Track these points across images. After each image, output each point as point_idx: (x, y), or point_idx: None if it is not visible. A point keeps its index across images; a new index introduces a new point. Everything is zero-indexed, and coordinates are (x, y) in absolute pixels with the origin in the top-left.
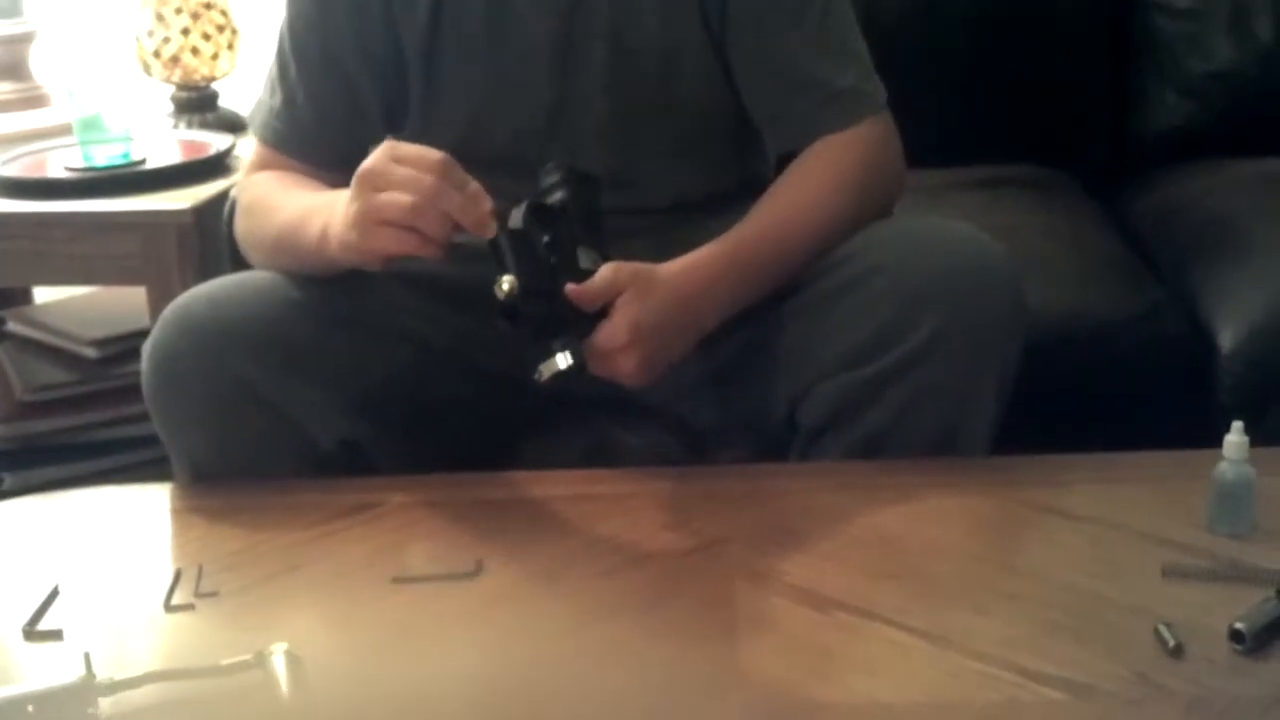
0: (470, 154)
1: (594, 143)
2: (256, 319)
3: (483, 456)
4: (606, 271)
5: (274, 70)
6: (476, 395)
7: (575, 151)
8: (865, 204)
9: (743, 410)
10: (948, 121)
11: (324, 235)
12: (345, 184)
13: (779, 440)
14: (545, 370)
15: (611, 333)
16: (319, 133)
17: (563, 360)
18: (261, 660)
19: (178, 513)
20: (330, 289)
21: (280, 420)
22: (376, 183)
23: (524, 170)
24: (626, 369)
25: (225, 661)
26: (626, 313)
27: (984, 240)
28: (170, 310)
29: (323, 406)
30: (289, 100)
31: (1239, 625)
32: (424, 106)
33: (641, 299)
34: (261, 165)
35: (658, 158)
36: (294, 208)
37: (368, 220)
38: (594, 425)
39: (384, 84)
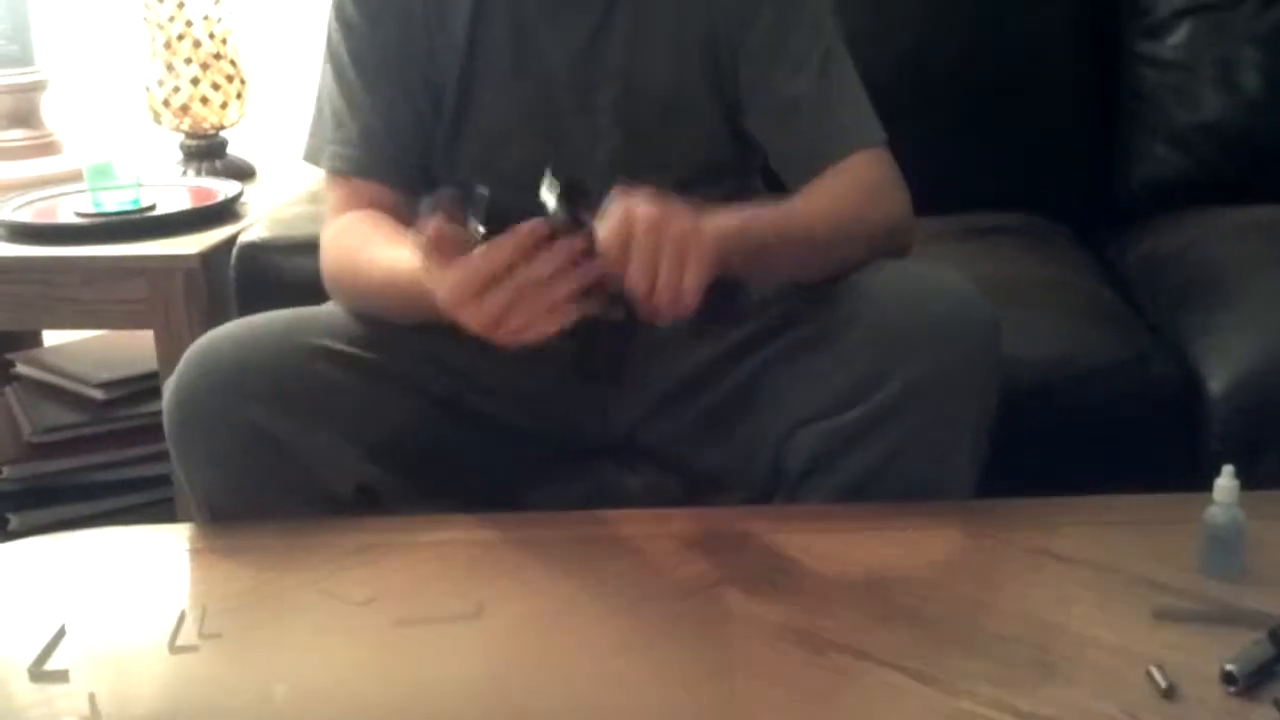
0: (492, 171)
1: (604, 174)
2: (277, 364)
3: (489, 502)
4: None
5: (333, 99)
6: (483, 442)
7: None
8: (871, 227)
9: (735, 453)
10: (939, 171)
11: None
12: (416, 201)
13: (769, 484)
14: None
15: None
16: (397, 153)
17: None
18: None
19: (182, 554)
20: (350, 336)
21: (297, 465)
22: (464, 290)
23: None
24: (642, 225)
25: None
26: (616, 206)
27: (964, 289)
28: (194, 350)
29: (339, 452)
30: (365, 126)
31: (1230, 667)
32: (452, 124)
33: (628, 196)
34: (341, 201)
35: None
36: (390, 271)
37: (494, 321)
38: (595, 470)
39: (431, 96)
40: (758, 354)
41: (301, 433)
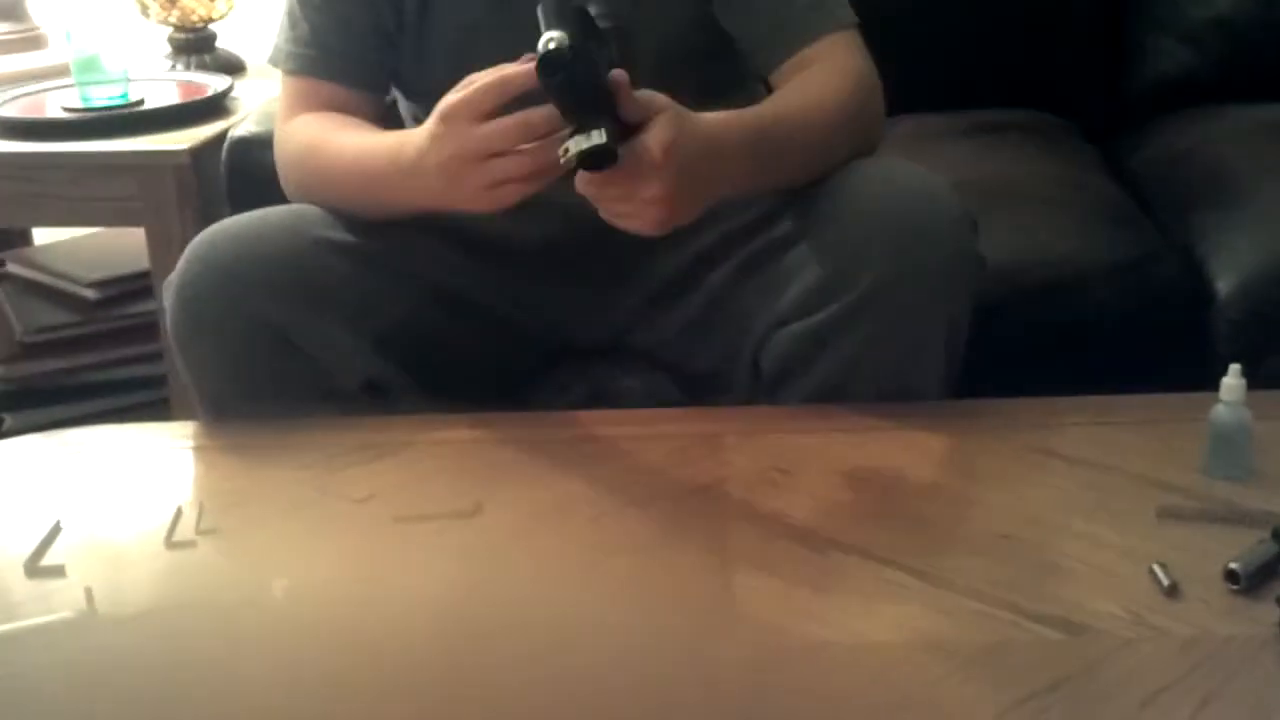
0: (455, 80)
1: None
2: (281, 257)
3: (490, 401)
4: (648, 90)
5: (293, 3)
6: (483, 337)
7: None
8: (855, 123)
9: (720, 357)
10: (947, 67)
11: (411, 187)
12: (375, 105)
13: (753, 387)
14: (574, 146)
15: (647, 145)
16: (347, 52)
17: (597, 136)
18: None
19: (178, 451)
20: (350, 228)
21: (305, 359)
22: (469, 150)
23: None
24: (651, 192)
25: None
26: (663, 132)
27: (935, 188)
28: (194, 247)
29: (346, 345)
30: (316, 27)
31: (1234, 566)
32: (417, 22)
33: (679, 126)
34: (295, 102)
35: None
36: (361, 152)
37: (490, 188)
38: (594, 370)
39: (392, 3)
40: (734, 257)
41: (309, 325)
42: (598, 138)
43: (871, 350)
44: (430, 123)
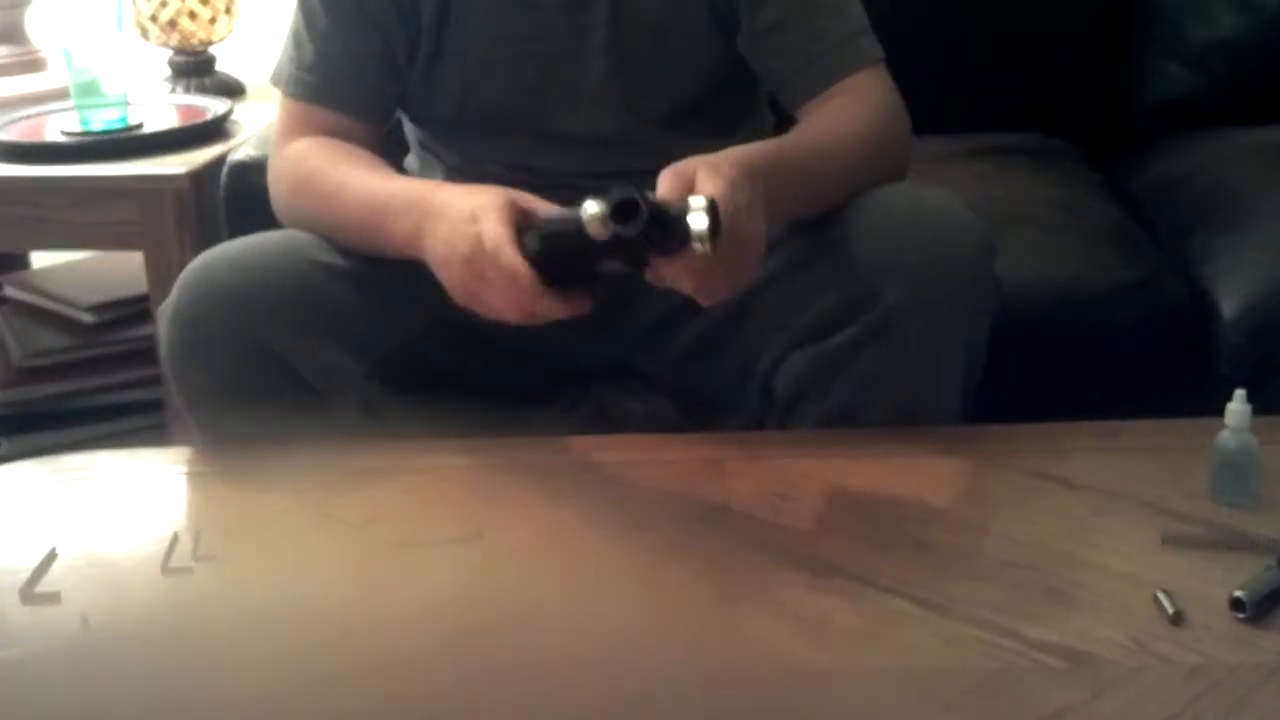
0: (467, 110)
1: (590, 104)
2: (278, 282)
3: (489, 425)
4: (672, 167)
5: (300, 26)
6: (486, 364)
7: (573, 112)
8: (879, 155)
9: (729, 380)
10: (950, 90)
11: (416, 248)
12: (375, 135)
13: (763, 410)
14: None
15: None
16: (351, 81)
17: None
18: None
19: (176, 476)
20: (348, 254)
21: (301, 384)
22: (474, 283)
23: (519, 129)
24: (742, 260)
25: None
26: (711, 186)
27: (956, 212)
28: (190, 274)
29: (344, 369)
30: (322, 53)
31: (1239, 593)
32: (431, 52)
33: (717, 172)
34: (294, 126)
35: (653, 124)
36: (368, 199)
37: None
38: (596, 393)
39: (407, 33)
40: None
41: (306, 350)
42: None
43: (889, 373)
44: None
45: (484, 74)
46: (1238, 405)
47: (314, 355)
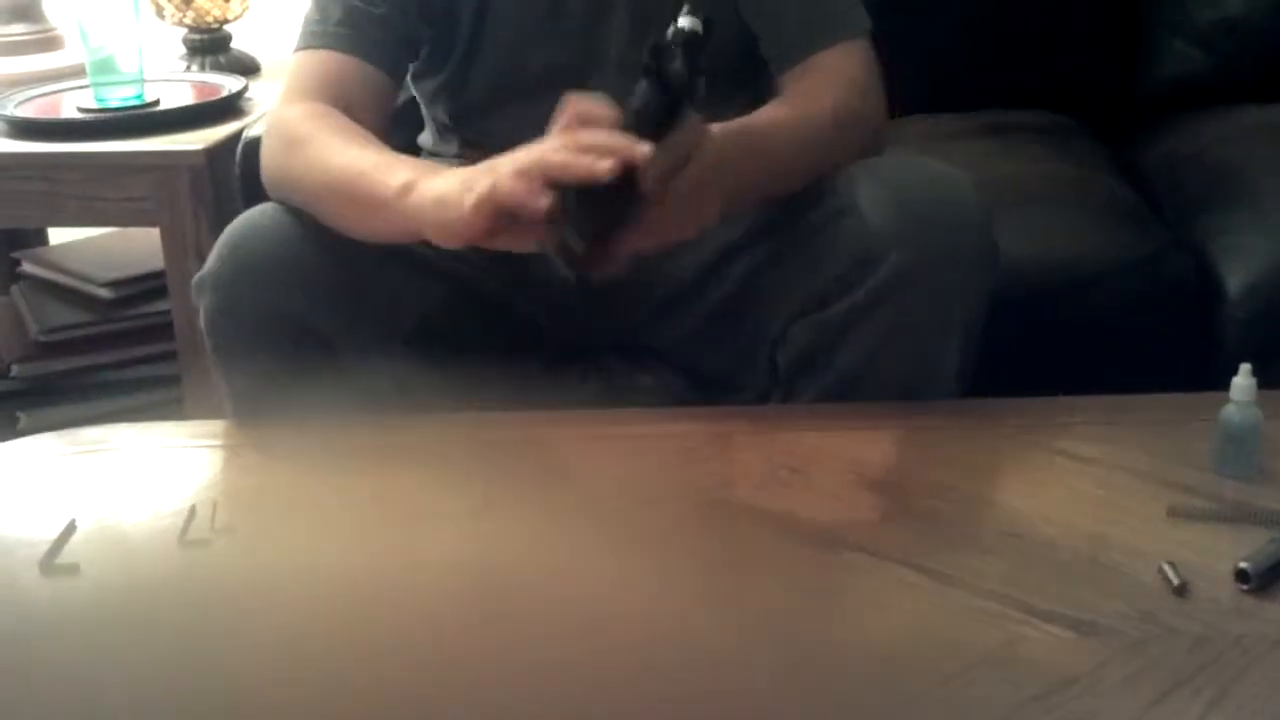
0: (509, 82)
1: (617, 75)
2: (316, 252)
3: (504, 398)
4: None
5: None
6: (502, 333)
7: (601, 83)
8: (849, 130)
9: (737, 354)
10: (959, 67)
11: (416, 211)
12: (390, 93)
13: (771, 383)
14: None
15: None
16: (378, 38)
17: (576, 243)
18: None
19: (193, 450)
20: None
21: (338, 358)
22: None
23: (553, 102)
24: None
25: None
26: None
27: (954, 180)
28: (229, 242)
29: (379, 342)
30: (348, 7)
31: (1244, 565)
32: (471, 33)
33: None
34: (305, 78)
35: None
36: (353, 163)
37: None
38: (606, 366)
39: (450, 15)
40: (751, 253)
41: (344, 323)
42: (576, 244)
43: (892, 340)
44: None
45: (524, 49)
46: (1243, 379)
47: (351, 327)
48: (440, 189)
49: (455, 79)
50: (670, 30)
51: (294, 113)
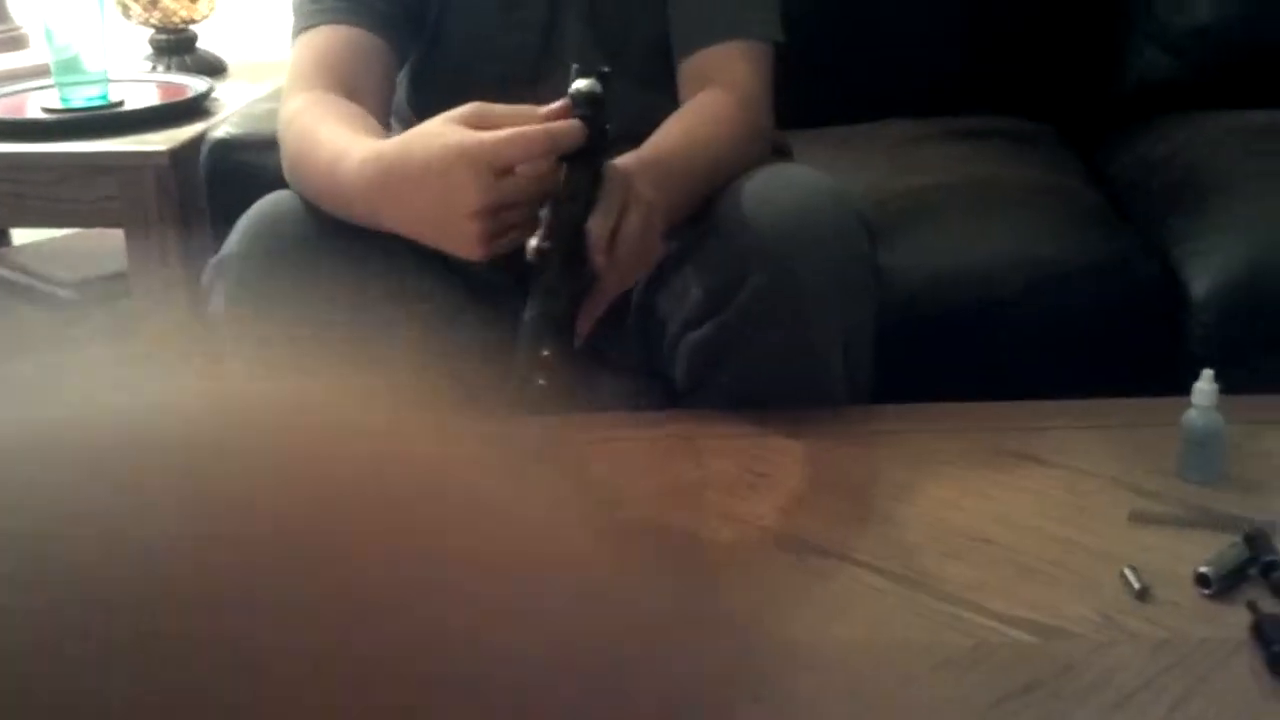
0: (471, 73)
1: (570, 58)
2: (339, 236)
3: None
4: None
5: None
6: (498, 332)
7: (557, 67)
8: (755, 137)
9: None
10: (931, 73)
11: (391, 205)
12: (395, 61)
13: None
14: (535, 302)
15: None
16: (379, 9)
17: (556, 305)
18: None
19: None
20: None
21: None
22: (491, 203)
23: (520, 85)
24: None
25: None
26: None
27: (824, 194)
28: (254, 225)
29: (396, 329)
30: None
31: (1205, 569)
32: (436, 18)
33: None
34: (309, 59)
35: (625, 85)
36: (328, 152)
37: (492, 238)
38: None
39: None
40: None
41: (365, 306)
42: (561, 307)
43: (765, 359)
44: (437, 153)
45: (486, 38)
46: (1205, 385)
47: (370, 311)
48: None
49: (421, 67)
50: (572, 96)
51: (296, 106)
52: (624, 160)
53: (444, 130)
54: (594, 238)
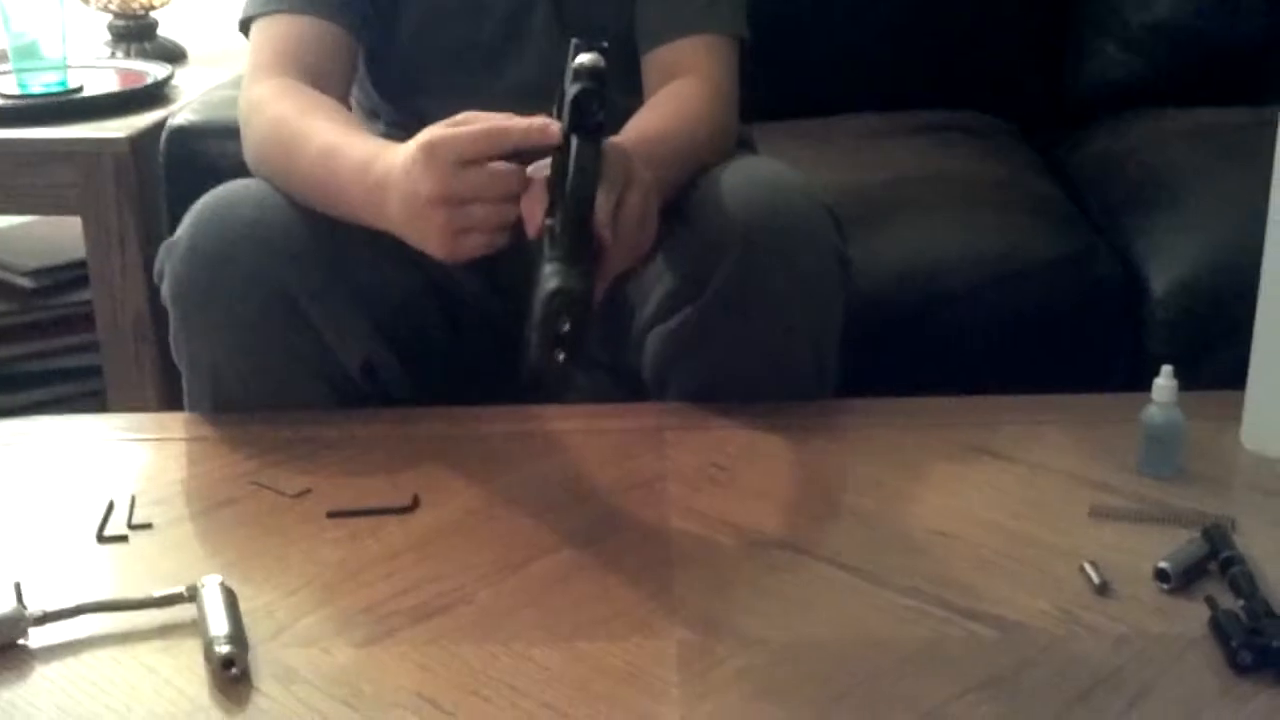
0: (418, 65)
1: (541, 42)
2: (297, 224)
3: (470, 395)
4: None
5: None
6: (468, 333)
7: (525, 50)
8: (721, 136)
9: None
10: (889, 67)
11: (370, 203)
12: (353, 51)
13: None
14: (551, 275)
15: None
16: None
17: (577, 279)
18: (194, 592)
19: (113, 443)
20: None
21: (310, 332)
22: (446, 190)
23: (467, 81)
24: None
25: (157, 593)
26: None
27: (792, 187)
28: (208, 209)
29: (351, 320)
30: None
31: (1164, 565)
32: (388, 9)
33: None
34: (269, 49)
35: None
36: (330, 148)
37: (453, 234)
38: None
39: None
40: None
41: (320, 295)
42: (577, 281)
43: (732, 352)
44: (410, 149)
45: (437, 26)
46: (1164, 380)
47: (325, 300)
48: (389, 185)
49: (377, 50)
50: (576, 70)
51: (264, 92)
52: (617, 142)
53: (426, 129)
54: (600, 212)
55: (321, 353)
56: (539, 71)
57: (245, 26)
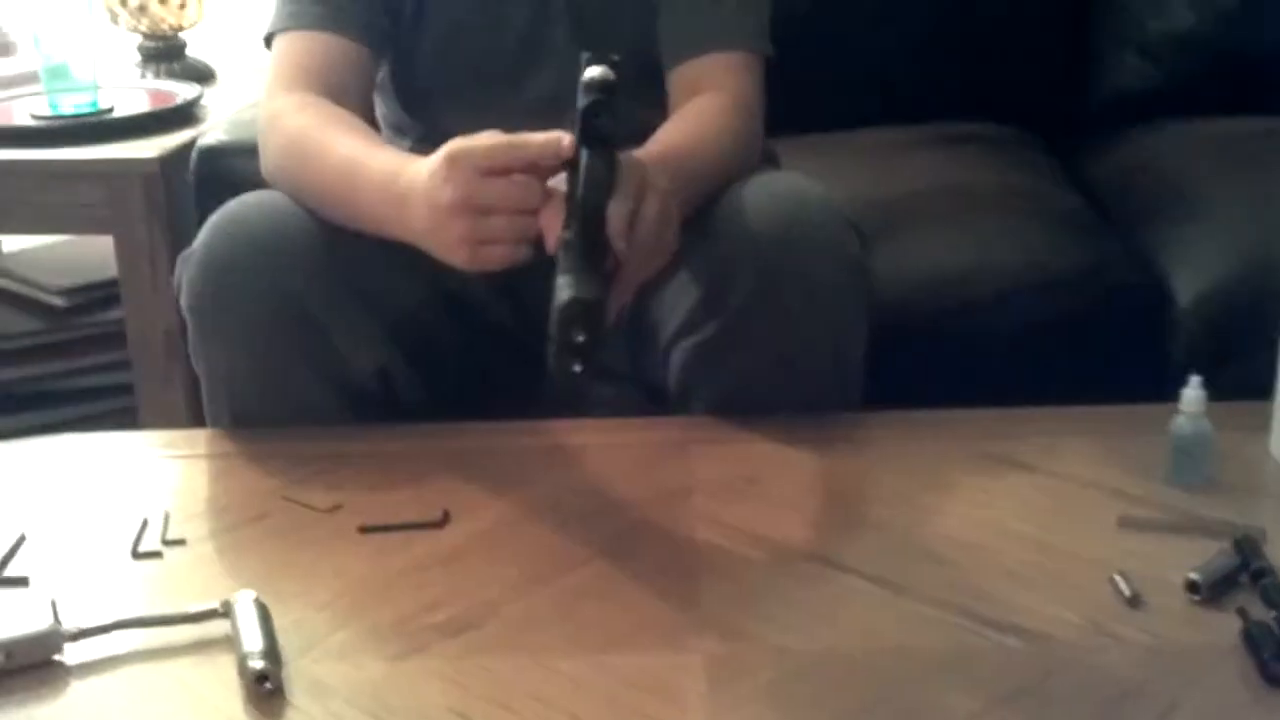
0: (441, 78)
1: (556, 63)
2: (310, 234)
3: (484, 405)
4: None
5: None
6: (482, 344)
7: (545, 66)
8: (746, 152)
9: (655, 375)
10: (910, 79)
11: (394, 217)
12: (373, 68)
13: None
14: (565, 286)
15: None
16: (355, 12)
17: (589, 289)
18: (228, 608)
19: (145, 460)
20: None
21: (323, 340)
22: (467, 199)
23: (488, 96)
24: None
25: (192, 608)
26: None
27: (813, 202)
28: (222, 220)
29: (364, 327)
30: None
31: (1194, 576)
32: (412, 22)
33: (644, 184)
34: (289, 64)
35: None
36: (352, 161)
37: (474, 243)
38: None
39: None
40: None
41: (332, 303)
42: (590, 290)
43: (758, 364)
44: (434, 160)
45: (458, 41)
46: (1193, 391)
47: (338, 308)
48: (412, 195)
49: (400, 66)
50: (585, 83)
51: (284, 105)
52: (633, 154)
53: (449, 141)
54: (614, 222)
55: (334, 360)
56: (559, 87)
57: (269, 42)
